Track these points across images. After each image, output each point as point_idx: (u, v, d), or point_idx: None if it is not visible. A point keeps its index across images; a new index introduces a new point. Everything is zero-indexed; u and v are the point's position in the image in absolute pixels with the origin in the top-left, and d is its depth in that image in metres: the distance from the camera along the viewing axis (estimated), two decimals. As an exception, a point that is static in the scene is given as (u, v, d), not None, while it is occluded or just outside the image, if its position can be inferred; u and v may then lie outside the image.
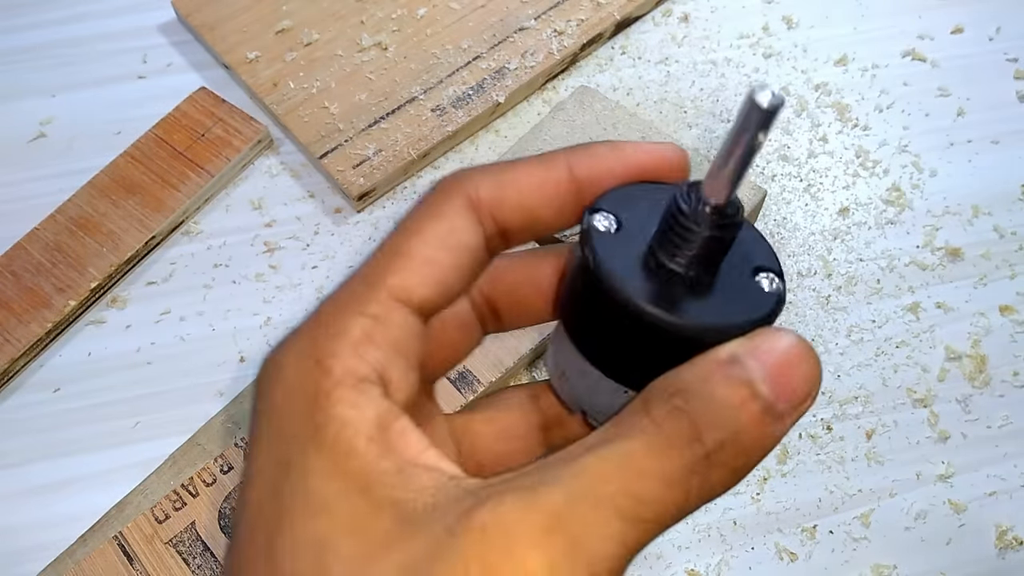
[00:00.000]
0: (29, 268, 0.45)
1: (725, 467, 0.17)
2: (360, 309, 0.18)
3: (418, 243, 0.19)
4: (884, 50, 0.51)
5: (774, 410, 0.17)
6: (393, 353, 0.18)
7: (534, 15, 0.51)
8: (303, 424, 0.17)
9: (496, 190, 0.19)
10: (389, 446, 0.17)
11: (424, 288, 0.18)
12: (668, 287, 0.18)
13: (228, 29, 0.51)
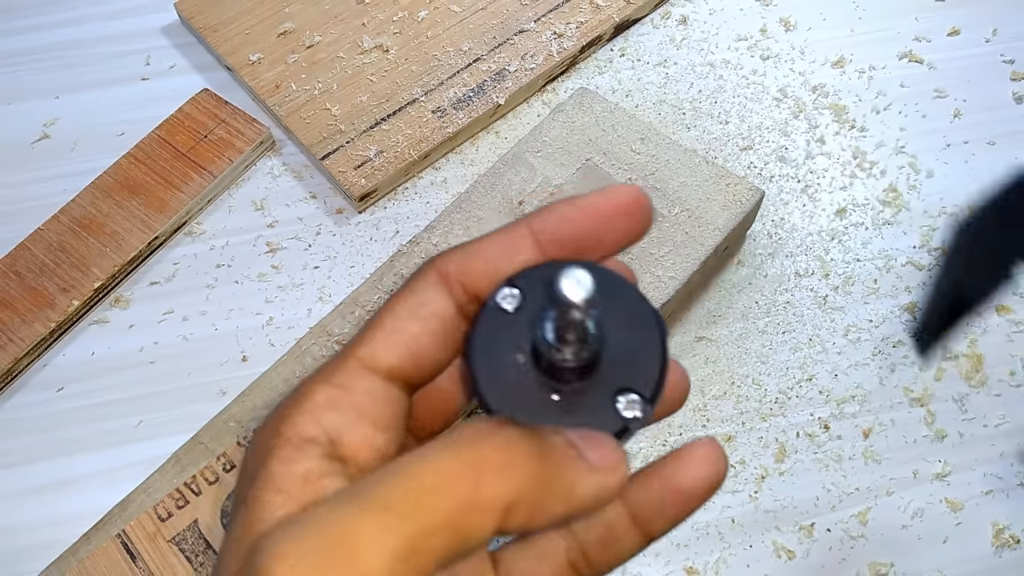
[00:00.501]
0: (33, 268, 0.45)
1: (525, 467, 0.18)
2: (327, 379, 0.20)
3: (389, 316, 0.21)
4: (881, 52, 0.51)
5: (582, 454, 0.18)
6: (356, 417, 0.20)
7: (534, 17, 0.51)
8: (247, 482, 0.19)
9: (463, 262, 0.21)
10: (297, 498, 0.18)
11: (391, 355, 0.20)
12: (526, 381, 0.20)
13: (231, 31, 0.52)
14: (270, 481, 0.19)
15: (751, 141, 0.49)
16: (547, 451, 0.18)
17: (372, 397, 0.20)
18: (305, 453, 0.19)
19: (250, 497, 0.19)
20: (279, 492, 0.18)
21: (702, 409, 0.42)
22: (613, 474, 0.19)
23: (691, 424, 0.41)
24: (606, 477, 0.19)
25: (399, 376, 0.21)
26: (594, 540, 0.22)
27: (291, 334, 0.44)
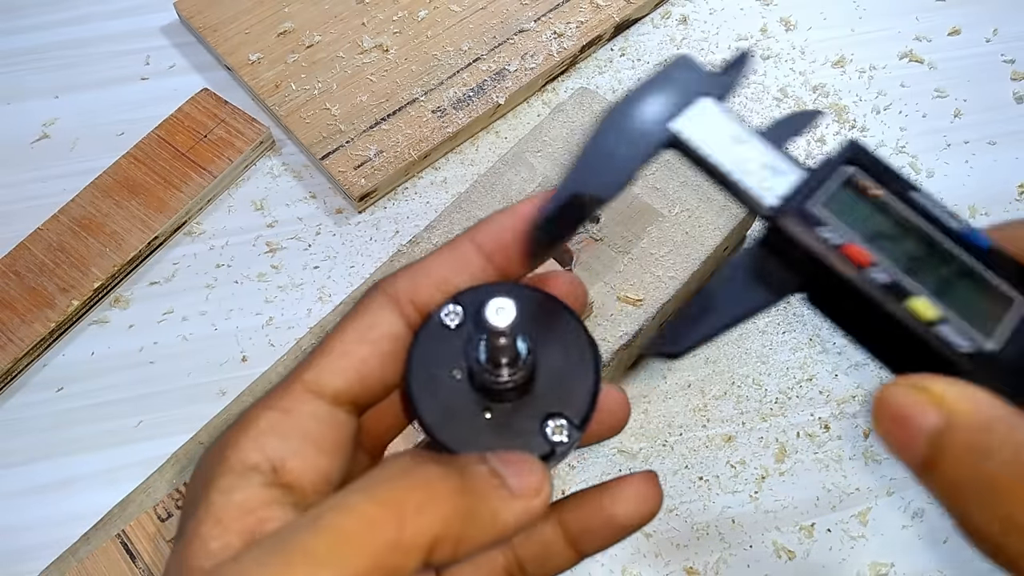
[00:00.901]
0: (32, 268, 0.45)
1: (447, 501, 0.18)
2: (272, 404, 0.21)
3: (337, 340, 0.21)
4: (882, 52, 0.51)
5: (504, 481, 0.19)
6: (300, 442, 0.20)
7: (534, 17, 0.51)
8: (189, 508, 0.20)
9: (410, 281, 0.22)
10: (237, 527, 0.19)
11: (337, 379, 0.21)
12: (461, 398, 0.21)
13: (230, 31, 0.52)
14: (209, 511, 0.19)
15: (751, 141, 0.49)
16: (468, 484, 0.19)
17: (317, 421, 0.20)
18: (246, 481, 0.19)
19: (189, 528, 0.19)
20: (217, 523, 0.19)
21: (702, 409, 0.42)
22: (535, 499, 0.19)
23: (691, 424, 0.41)
24: (529, 503, 0.19)
25: (346, 400, 0.21)
26: (530, 556, 0.23)
27: (291, 334, 0.44)
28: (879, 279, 0.20)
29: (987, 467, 0.17)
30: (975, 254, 0.21)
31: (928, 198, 0.21)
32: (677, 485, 0.40)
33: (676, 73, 0.22)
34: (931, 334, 0.19)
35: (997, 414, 0.18)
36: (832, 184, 0.21)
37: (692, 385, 0.42)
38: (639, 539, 0.39)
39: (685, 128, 0.22)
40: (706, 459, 0.40)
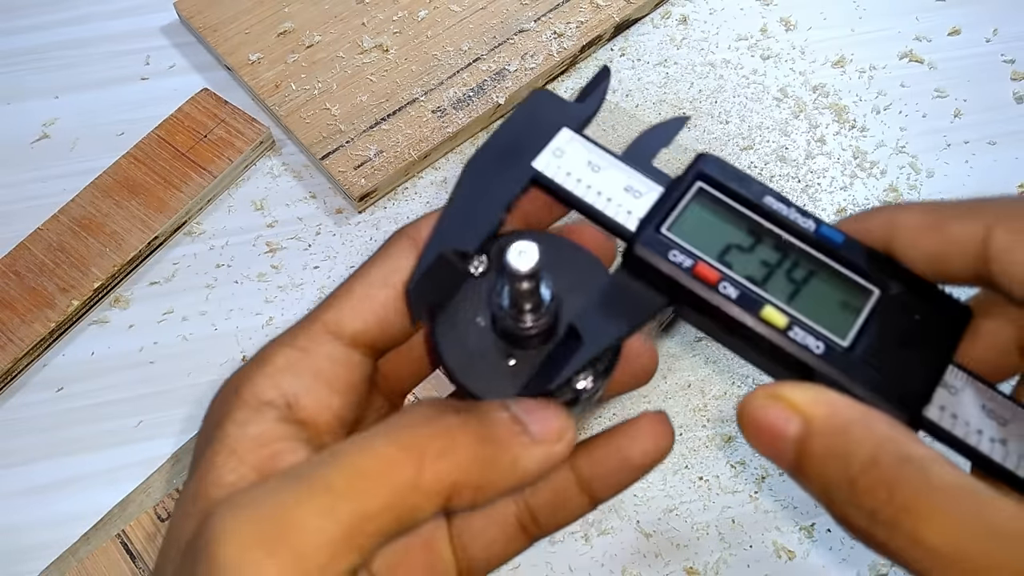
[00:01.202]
0: (32, 268, 0.45)
1: (468, 449, 0.18)
2: (290, 342, 0.21)
3: (359, 283, 0.21)
4: (882, 52, 0.51)
5: (526, 428, 0.19)
6: (314, 381, 0.20)
7: (534, 17, 0.51)
8: (201, 443, 0.20)
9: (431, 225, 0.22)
10: (252, 460, 0.19)
11: (357, 321, 0.21)
12: (485, 345, 0.21)
13: (230, 31, 0.52)
14: (224, 443, 0.19)
15: (751, 141, 0.49)
16: (489, 431, 0.19)
17: (332, 362, 0.21)
18: (261, 415, 0.19)
19: (205, 457, 0.19)
20: (232, 454, 0.19)
21: (702, 409, 0.42)
22: (558, 444, 0.19)
23: (691, 424, 0.41)
24: (551, 448, 0.19)
25: (363, 342, 0.21)
26: (543, 503, 0.23)
27: (291, 334, 0.44)
28: (729, 294, 0.21)
29: (848, 469, 0.18)
30: (828, 252, 0.21)
31: (779, 201, 0.22)
32: (677, 485, 0.40)
33: (533, 110, 0.23)
34: (784, 340, 0.20)
35: (852, 416, 0.18)
36: (683, 203, 0.22)
37: (692, 385, 0.42)
38: (639, 539, 0.39)
39: (544, 165, 0.22)
40: (706, 459, 0.40)
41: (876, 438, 0.18)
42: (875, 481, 0.17)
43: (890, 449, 0.18)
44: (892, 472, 0.17)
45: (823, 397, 0.19)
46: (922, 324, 0.21)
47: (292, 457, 0.19)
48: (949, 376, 0.21)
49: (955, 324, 0.21)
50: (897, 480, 0.17)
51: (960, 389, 0.21)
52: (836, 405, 0.19)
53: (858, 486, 0.18)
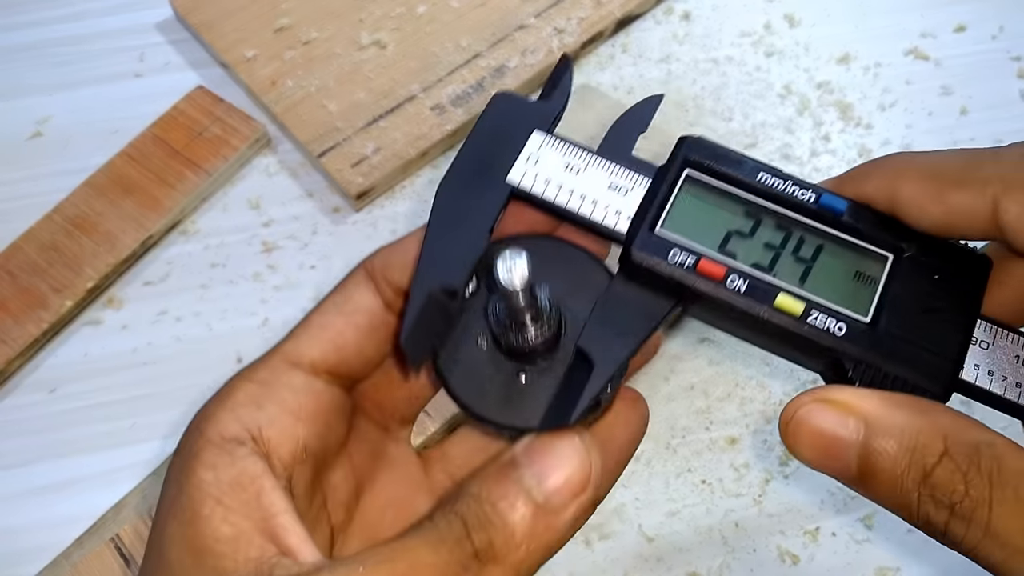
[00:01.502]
0: (25, 268, 0.44)
1: (502, 562, 0.18)
2: (250, 376, 0.21)
3: (316, 313, 0.22)
4: (887, 48, 0.51)
5: (548, 505, 0.19)
6: (277, 412, 0.21)
7: (534, 13, 0.51)
8: (172, 488, 0.20)
9: (386, 258, 0.22)
10: (239, 507, 0.19)
11: (314, 350, 0.21)
12: (491, 368, 0.20)
13: (226, 27, 0.51)
14: (204, 491, 0.19)
15: (755, 138, 0.48)
16: (522, 546, 0.19)
17: (293, 391, 0.21)
18: (232, 455, 0.19)
19: (185, 506, 0.19)
20: (218, 504, 0.19)
21: (705, 411, 0.41)
22: (583, 495, 0.19)
23: (694, 426, 0.41)
24: (580, 500, 0.19)
25: (324, 370, 0.22)
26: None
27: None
28: (739, 287, 0.20)
29: (921, 465, 0.17)
30: (833, 222, 0.21)
31: (774, 175, 0.21)
32: (680, 488, 0.39)
33: (498, 115, 0.22)
34: (803, 326, 0.19)
35: (913, 409, 0.18)
36: (673, 193, 0.21)
37: (695, 387, 0.41)
38: (641, 543, 0.38)
39: (520, 177, 0.21)
40: (709, 462, 0.40)
41: (942, 428, 0.17)
42: (950, 474, 0.17)
43: (959, 439, 0.17)
44: (965, 463, 0.17)
45: (876, 395, 0.18)
46: (942, 283, 0.20)
47: (274, 494, 0.19)
48: (979, 331, 0.20)
49: (976, 277, 0.20)
50: (970, 471, 0.17)
51: (992, 343, 0.20)
52: (893, 401, 0.18)
53: (934, 481, 0.17)
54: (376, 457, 0.25)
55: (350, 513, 0.24)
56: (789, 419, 0.18)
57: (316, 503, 0.23)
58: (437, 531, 0.19)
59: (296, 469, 0.21)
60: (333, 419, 0.22)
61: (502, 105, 0.22)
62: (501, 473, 0.19)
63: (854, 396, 0.18)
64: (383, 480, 0.25)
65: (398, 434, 0.26)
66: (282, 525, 0.19)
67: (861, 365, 0.19)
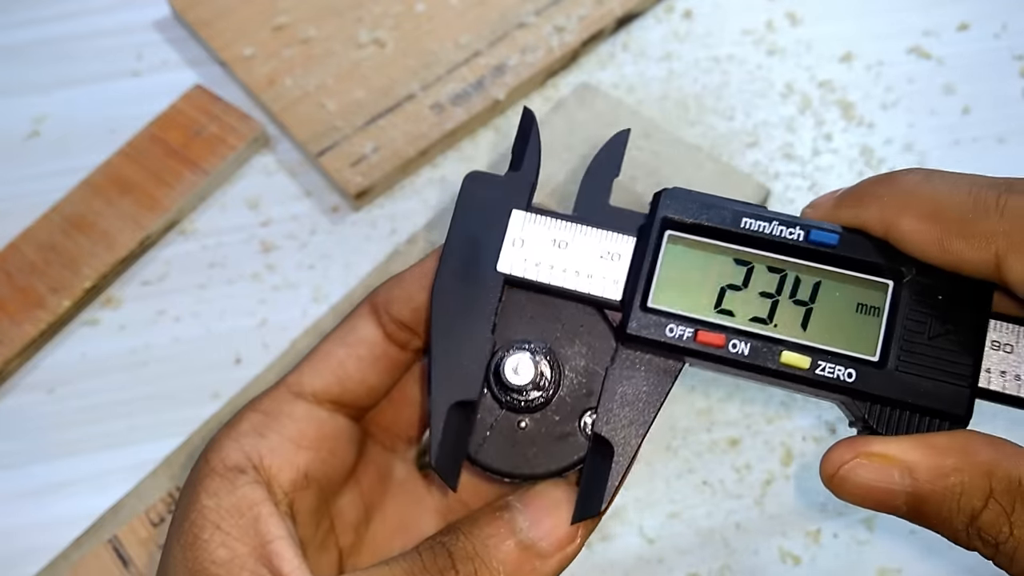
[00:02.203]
0: (23, 268, 0.44)
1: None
2: (255, 407, 0.22)
3: (321, 345, 0.23)
4: (889, 47, 0.51)
5: (536, 548, 0.20)
6: (279, 440, 0.22)
7: (534, 11, 0.50)
8: (179, 513, 0.21)
9: (388, 291, 0.23)
10: (237, 532, 0.20)
11: (316, 380, 0.23)
12: (491, 417, 0.21)
13: (224, 25, 0.51)
14: (204, 516, 0.20)
15: (756, 137, 0.48)
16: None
17: (295, 420, 0.22)
18: (231, 483, 0.21)
19: (188, 531, 0.20)
20: (216, 529, 0.20)
21: (707, 412, 0.41)
22: (570, 546, 0.20)
23: (695, 427, 0.40)
24: (566, 552, 0.20)
25: (327, 399, 0.23)
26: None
27: (285, 336, 0.43)
28: (741, 352, 0.20)
29: (969, 508, 0.18)
30: (827, 257, 0.20)
31: (758, 218, 0.20)
32: (681, 489, 0.39)
33: (473, 199, 0.22)
34: (815, 380, 0.20)
35: (953, 450, 0.18)
36: (659, 261, 0.21)
37: (696, 388, 0.41)
38: (642, 545, 0.38)
39: (510, 266, 0.21)
40: (710, 463, 0.40)
41: (985, 467, 0.18)
42: (995, 516, 0.18)
43: (1003, 476, 0.18)
44: (1010, 504, 0.18)
45: (913, 441, 0.19)
46: (946, 302, 0.20)
47: (271, 520, 0.20)
48: (997, 333, 0.20)
49: (980, 289, 0.20)
50: (1016, 511, 0.18)
51: (1015, 344, 0.19)
52: (931, 444, 0.19)
53: (980, 524, 0.18)
54: (384, 479, 0.26)
55: (360, 536, 0.25)
56: (833, 474, 0.19)
57: (323, 527, 0.24)
58: (420, 560, 0.19)
59: (298, 495, 0.22)
60: (338, 446, 0.23)
61: (475, 187, 0.22)
62: (493, 515, 0.20)
63: (893, 447, 0.19)
64: (391, 503, 0.25)
65: (405, 454, 0.27)
66: (277, 551, 0.20)
67: (876, 406, 0.19)
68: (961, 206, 0.19)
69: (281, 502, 0.21)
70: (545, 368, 0.21)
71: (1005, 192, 0.19)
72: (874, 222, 0.20)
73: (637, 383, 0.20)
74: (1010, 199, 0.19)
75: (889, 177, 0.21)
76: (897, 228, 0.20)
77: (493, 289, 0.21)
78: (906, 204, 0.20)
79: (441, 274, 0.21)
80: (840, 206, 0.21)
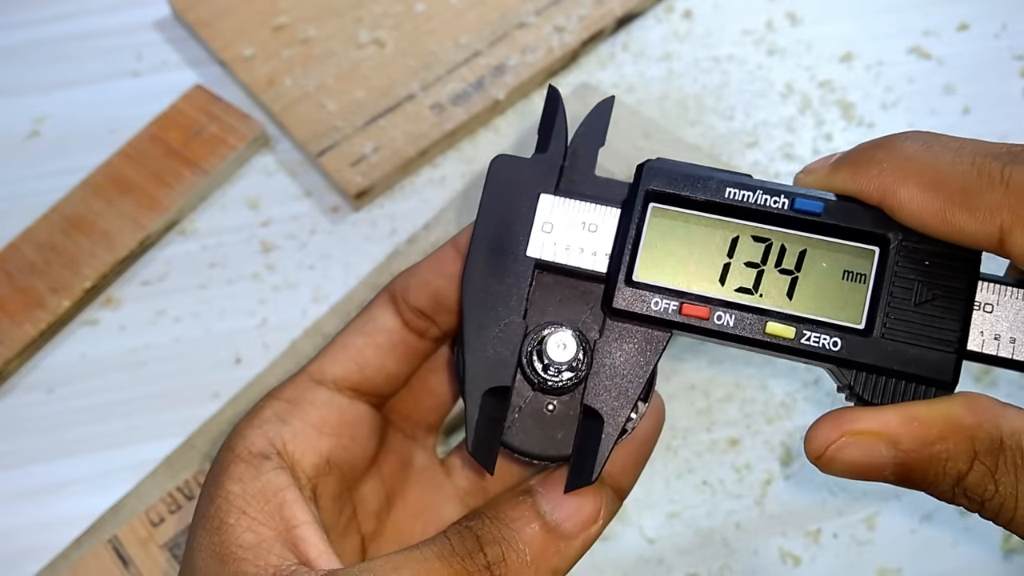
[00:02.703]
0: (23, 268, 0.44)
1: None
2: (277, 395, 0.23)
3: (341, 335, 0.24)
4: (889, 47, 0.51)
5: (560, 530, 0.20)
6: (301, 426, 0.22)
7: (534, 11, 0.50)
8: (204, 500, 0.21)
9: (405, 280, 0.24)
10: (263, 517, 0.20)
11: (337, 368, 0.23)
12: (521, 399, 0.21)
13: (224, 25, 0.51)
14: (231, 502, 0.20)
15: (756, 137, 0.48)
16: (530, 555, 0.20)
17: (316, 407, 0.23)
18: (256, 469, 0.21)
19: (214, 516, 0.20)
20: (242, 514, 0.20)
21: (706, 412, 0.41)
22: (594, 527, 0.21)
23: (695, 427, 0.40)
24: (588, 533, 0.20)
25: (347, 386, 0.23)
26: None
27: (285, 336, 0.43)
28: (726, 323, 0.20)
29: (955, 471, 0.18)
30: (812, 225, 0.20)
31: (742, 187, 0.20)
32: (681, 489, 0.39)
33: (501, 183, 0.21)
34: (797, 347, 0.20)
35: (935, 419, 0.19)
36: (643, 234, 0.21)
37: (696, 387, 0.41)
38: (642, 545, 0.38)
39: (540, 250, 0.21)
40: (710, 463, 0.40)
41: (968, 431, 0.18)
42: (981, 477, 0.18)
43: (986, 437, 0.18)
44: (993, 463, 0.18)
45: (895, 412, 0.19)
46: (933, 267, 0.19)
47: (296, 505, 0.20)
48: (982, 293, 0.19)
49: (967, 252, 0.19)
50: (999, 469, 0.18)
51: (995, 304, 0.19)
52: (914, 413, 0.19)
53: (966, 484, 0.18)
54: (405, 467, 0.26)
55: (381, 522, 0.25)
56: (820, 454, 0.19)
57: (346, 513, 0.24)
58: (449, 544, 0.20)
59: (320, 480, 0.22)
60: (359, 433, 0.23)
61: (502, 170, 0.22)
62: (517, 499, 0.21)
63: (876, 421, 0.19)
64: (412, 490, 0.26)
65: (425, 442, 0.27)
66: (303, 536, 0.20)
67: (862, 374, 0.19)
68: (964, 177, 0.18)
69: (305, 487, 0.21)
70: (581, 354, 0.21)
71: (1010, 163, 0.18)
72: (871, 189, 0.19)
73: (625, 355, 0.20)
74: (1015, 171, 0.18)
75: (888, 142, 0.20)
76: (895, 196, 0.19)
77: (524, 274, 0.21)
78: (906, 172, 0.19)
79: (471, 261, 0.21)
80: (835, 171, 0.20)
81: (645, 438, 0.23)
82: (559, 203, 0.21)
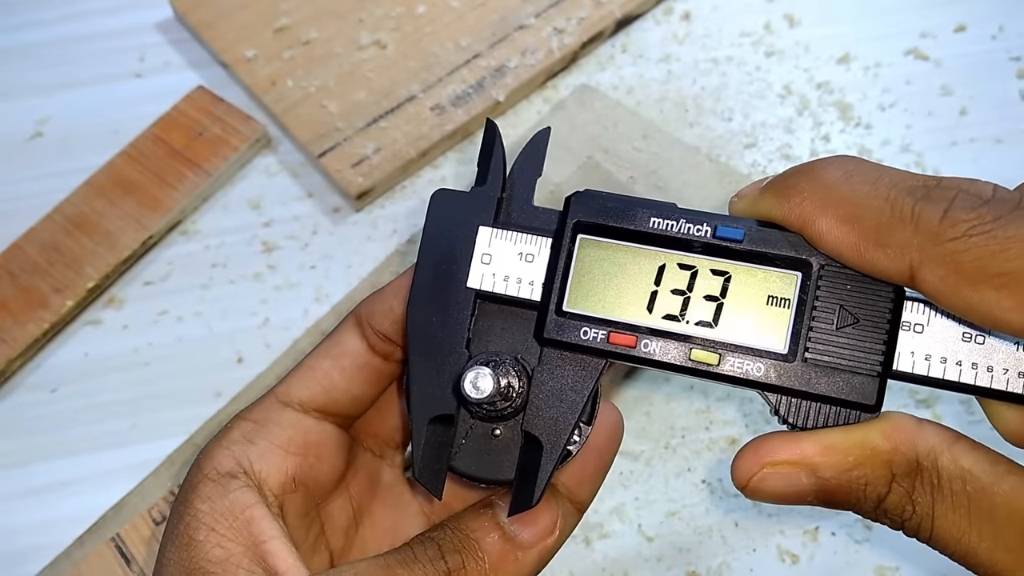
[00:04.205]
0: (26, 268, 0.44)
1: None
2: (245, 416, 0.24)
3: (308, 357, 0.25)
4: (886, 48, 0.51)
5: (519, 540, 0.21)
6: (268, 446, 0.23)
7: (534, 13, 0.51)
8: (173, 519, 0.22)
9: (370, 305, 0.24)
10: (231, 533, 0.21)
11: (303, 390, 0.24)
12: (465, 426, 0.22)
13: (226, 27, 0.51)
14: (199, 519, 0.21)
15: (755, 139, 0.48)
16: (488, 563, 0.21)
17: (283, 427, 0.23)
18: (225, 488, 0.21)
19: (183, 533, 0.21)
20: (211, 531, 0.21)
21: (705, 412, 0.41)
22: (550, 538, 0.21)
23: (694, 427, 0.41)
24: (545, 543, 0.21)
25: (312, 407, 0.24)
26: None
27: (287, 335, 0.43)
28: (652, 351, 0.20)
29: (874, 494, 0.19)
30: (734, 253, 0.20)
31: (665, 216, 0.21)
32: (680, 488, 0.39)
33: (441, 217, 0.22)
34: (724, 375, 0.20)
35: (851, 446, 0.19)
36: (572, 265, 0.21)
37: (695, 387, 0.41)
38: (641, 543, 0.38)
39: (479, 280, 0.22)
40: (709, 462, 0.40)
41: (885, 455, 0.19)
42: (899, 499, 0.19)
43: (902, 460, 0.19)
44: (910, 485, 0.18)
45: (814, 439, 0.19)
46: (855, 291, 0.20)
47: (264, 521, 0.21)
48: (908, 314, 0.20)
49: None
50: (916, 490, 0.18)
51: (926, 324, 0.20)
52: (833, 445, 0.19)
53: (886, 507, 0.19)
54: (373, 484, 0.27)
55: (350, 539, 0.26)
56: (744, 485, 0.20)
57: (314, 530, 0.24)
58: (412, 552, 0.20)
59: (287, 498, 0.22)
60: (325, 452, 0.24)
61: (443, 203, 0.22)
62: (478, 511, 0.22)
63: (794, 451, 0.19)
64: (379, 507, 0.26)
65: (393, 459, 0.28)
66: (271, 550, 0.20)
67: (786, 399, 0.19)
68: (878, 212, 0.19)
69: (272, 505, 0.22)
70: (513, 379, 0.21)
71: (921, 200, 0.18)
72: (792, 218, 0.20)
73: (563, 381, 0.21)
74: (924, 209, 0.18)
75: (810, 168, 0.20)
76: (814, 226, 0.19)
77: (465, 305, 0.22)
78: (825, 202, 0.19)
79: (414, 293, 0.22)
80: (762, 197, 0.21)
81: (600, 452, 0.23)
82: (497, 235, 0.22)
